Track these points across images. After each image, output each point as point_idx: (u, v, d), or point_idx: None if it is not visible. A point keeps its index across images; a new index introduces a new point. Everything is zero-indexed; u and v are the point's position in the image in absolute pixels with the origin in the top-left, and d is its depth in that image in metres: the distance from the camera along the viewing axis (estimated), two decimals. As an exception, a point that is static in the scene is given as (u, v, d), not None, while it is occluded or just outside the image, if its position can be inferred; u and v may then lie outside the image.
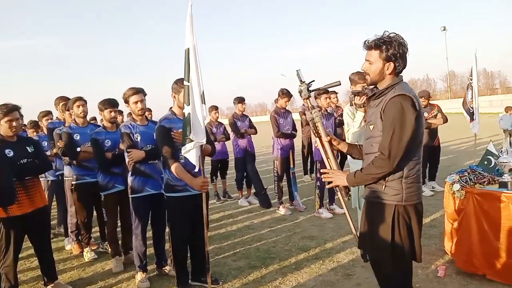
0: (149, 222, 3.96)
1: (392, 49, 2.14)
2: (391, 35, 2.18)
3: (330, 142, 2.52)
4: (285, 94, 6.37)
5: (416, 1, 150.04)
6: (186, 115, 3.06)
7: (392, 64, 2.17)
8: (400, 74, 2.25)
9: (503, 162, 3.42)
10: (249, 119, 7.34)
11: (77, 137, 4.47)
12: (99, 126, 4.80)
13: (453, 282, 3.40)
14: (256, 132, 7.15)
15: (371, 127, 2.24)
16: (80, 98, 4.56)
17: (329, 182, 2.46)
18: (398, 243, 2.21)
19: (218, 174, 7.53)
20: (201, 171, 3.25)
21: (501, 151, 3.60)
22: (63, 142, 4.53)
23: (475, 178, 3.61)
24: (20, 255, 3.76)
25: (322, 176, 2.53)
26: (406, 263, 2.31)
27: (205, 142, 3.14)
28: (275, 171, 6.43)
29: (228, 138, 7.33)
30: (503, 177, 3.41)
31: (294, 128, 6.61)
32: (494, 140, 10.89)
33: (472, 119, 5.95)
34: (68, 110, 4.79)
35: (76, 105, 4.51)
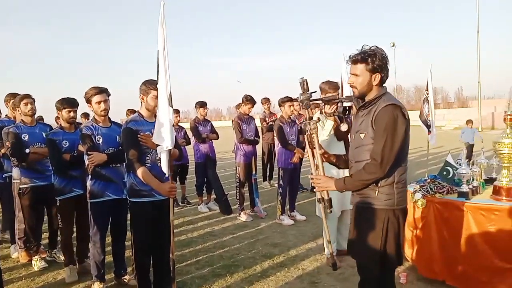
0: (110, 228, 3.75)
1: (377, 60, 2.26)
2: (373, 48, 2.30)
3: (322, 155, 2.57)
4: (249, 100, 6.36)
5: (366, 18, 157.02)
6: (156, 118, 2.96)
7: (378, 75, 2.29)
8: (384, 85, 2.35)
9: (462, 173, 3.60)
10: (211, 124, 7.25)
11: (25, 137, 4.17)
12: (48, 125, 4.52)
13: (415, 288, 3.52)
14: (218, 137, 7.07)
15: (362, 135, 2.33)
16: (27, 96, 4.27)
17: (314, 187, 2.58)
18: (388, 247, 2.32)
19: (177, 179, 7.34)
20: (169, 177, 3.12)
21: (459, 163, 3.79)
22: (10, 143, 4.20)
23: (435, 187, 3.77)
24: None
25: (311, 181, 2.62)
26: (394, 266, 2.45)
27: (171, 147, 3.01)
28: (237, 177, 6.38)
29: (188, 143, 7.18)
30: (462, 187, 3.58)
31: (257, 134, 6.61)
32: (438, 153, 11.59)
33: (429, 131, 6.24)
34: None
35: (23, 103, 4.22)
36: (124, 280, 3.81)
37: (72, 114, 3.92)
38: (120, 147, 3.50)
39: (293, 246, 4.75)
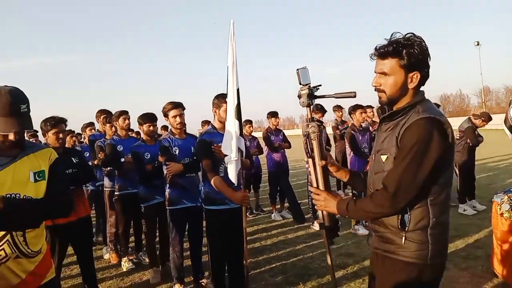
0: (186, 234, 3.99)
1: (416, 53, 1.65)
2: (408, 35, 1.69)
3: (324, 167, 2.01)
4: (319, 109, 6.37)
5: (449, 16, 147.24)
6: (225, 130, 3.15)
7: (417, 74, 1.69)
8: (421, 89, 1.77)
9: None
10: (283, 133, 7.34)
11: (120, 148, 4.61)
12: (138, 139, 4.94)
13: (504, 307, 3.23)
14: (290, 146, 7.14)
15: (383, 157, 1.74)
16: (125, 112, 4.73)
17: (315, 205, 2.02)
18: None
19: (251, 187, 7.52)
20: (241, 185, 3.25)
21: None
22: (105, 153, 4.67)
23: (526, 197, 3.45)
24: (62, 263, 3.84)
25: (311, 196, 2.12)
26: None
27: (236, 158, 3.13)
28: (309, 186, 6.37)
29: (261, 152, 7.34)
30: (558, 197, 3.24)
31: (328, 143, 6.57)
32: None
33: (515, 137, 5.70)
34: (110, 123, 4.95)
35: (122, 118, 4.68)
36: (202, 283, 4.01)
37: (152, 128, 4.27)
38: (194, 158, 3.73)
39: (368, 256, 4.59)
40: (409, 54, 1.65)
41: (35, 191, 1.97)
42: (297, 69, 2.00)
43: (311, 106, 2.04)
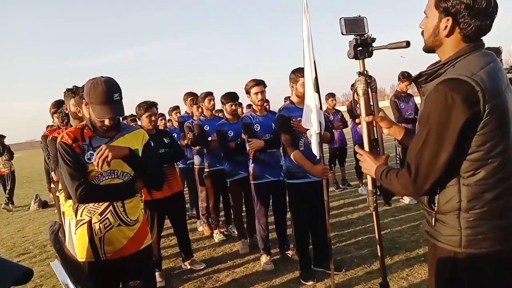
0: (271, 208, 4.13)
1: None
2: None
3: (371, 123, 1.81)
4: (406, 77, 6.00)
5: None
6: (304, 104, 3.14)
7: (450, 21, 1.35)
8: (475, 42, 1.39)
9: None
10: (382, 110, 7.08)
11: (207, 128, 4.88)
12: (222, 118, 5.16)
13: None
14: (375, 118, 6.87)
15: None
16: (210, 93, 4.97)
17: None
18: None
19: (337, 162, 7.44)
20: (321, 159, 3.26)
21: None
22: (194, 133, 4.98)
23: None
24: (162, 234, 4.26)
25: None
26: None
27: (318, 131, 3.11)
28: (397, 158, 6.11)
29: (346, 126, 7.18)
30: None
31: (416, 112, 6.19)
32: None
33: None
34: (196, 104, 5.24)
35: (207, 99, 4.93)
36: (288, 254, 4.15)
37: (233, 107, 4.43)
38: (275, 133, 3.80)
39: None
40: None
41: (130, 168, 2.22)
42: (341, 18, 1.79)
43: (363, 59, 1.83)
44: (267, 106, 7.93)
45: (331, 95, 7.41)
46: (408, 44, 1.66)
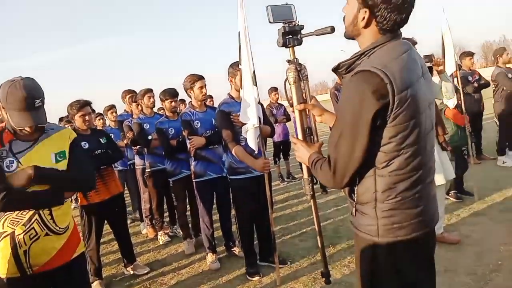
0: (215, 205, 4.08)
1: None
2: None
3: (303, 111, 1.77)
4: None
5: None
6: (241, 98, 3.09)
7: (368, 13, 1.35)
8: (391, 33, 1.39)
9: None
10: (314, 97, 7.19)
11: (147, 126, 4.71)
12: (162, 115, 5.01)
13: (543, 258, 3.11)
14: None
15: None
16: (150, 90, 4.81)
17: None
18: None
19: (281, 155, 7.52)
20: (261, 153, 3.25)
21: None
22: (134, 132, 4.78)
23: None
24: (102, 240, 4.05)
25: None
26: None
27: (257, 125, 3.10)
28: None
29: (289, 119, 7.28)
30: None
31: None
32: None
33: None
34: (136, 102, 5.05)
35: (147, 96, 4.77)
36: (234, 251, 4.12)
37: (173, 104, 4.31)
38: (216, 129, 3.74)
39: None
40: None
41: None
42: (267, 6, 1.74)
43: (293, 46, 1.78)
44: (211, 102, 7.85)
45: (274, 89, 7.46)
46: (332, 29, 1.64)
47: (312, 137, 1.81)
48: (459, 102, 4.74)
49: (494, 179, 5.37)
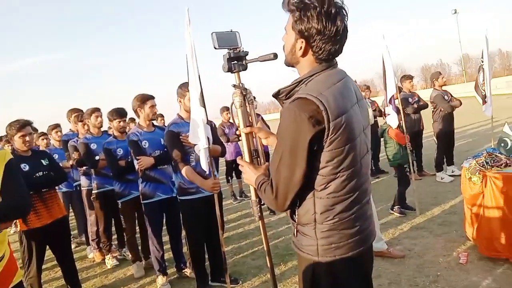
0: (165, 226, 4.01)
1: (306, 19, 1.37)
2: None
3: (250, 134, 1.80)
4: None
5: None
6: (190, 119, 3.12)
7: (304, 43, 1.42)
8: (327, 63, 1.46)
9: (520, 143, 3.33)
10: (262, 117, 7.32)
11: (94, 146, 4.57)
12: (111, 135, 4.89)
13: (476, 268, 3.33)
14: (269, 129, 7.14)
15: None
16: (97, 109, 4.68)
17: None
18: None
19: (234, 174, 7.55)
20: (211, 173, 3.26)
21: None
22: (80, 153, 4.62)
23: (492, 161, 3.52)
24: (44, 266, 3.83)
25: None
26: None
27: (206, 146, 3.12)
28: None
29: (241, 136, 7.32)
30: (521, 158, 3.31)
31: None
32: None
33: (484, 101, 5.82)
34: (82, 121, 4.89)
35: (94, 116, 4.64)
36: (185, 273, 4.05)
37: (122, 123, 4.23)
38: (165, 149, 3.71)
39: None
40: (301, 17, 1.38)
41: None
42: (212, 33, 1.77)
43: (238, 72, 1.82)
44: (162, 121, 7.76)
45: (226, 109, 7.50)
46: (275, 56, 1.70)
47: (258, 159, 1.86)
48: (401, 122, 5.05)
49: (433, 194, 5.71)
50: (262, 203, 1.83)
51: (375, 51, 5.26)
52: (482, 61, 5.87)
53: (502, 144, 3.70)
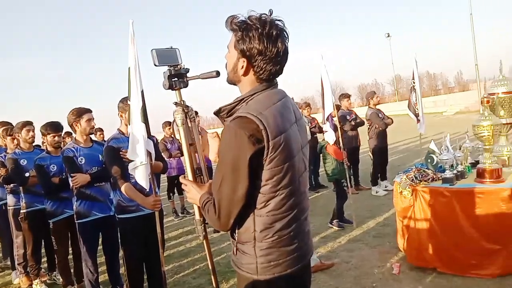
0: (102, 247, 3.81)
1: (248, 39, 1.41)
2: (261, 16, 1.42)
3: (192, 152, 1.82)
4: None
5: (361, 9, 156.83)
6: (130, 134, 3.01)
7: (246, 62, 1.46)
8: (268, 82, 1.50)
9: (444, 159, 3.62)
10: (206, 131, 7.29)
11: (24, 162, 4.27)
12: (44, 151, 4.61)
13: (408, 278, 3.53)
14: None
15: None
16: (29, 123, 4.39)
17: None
18: None
19: (175, 190, 7.40)
20: (152, 190, 3.18)
21: (442, 149, 3.81)
22: (7, 169, 4.29)
23: (420, 176, 3.78)
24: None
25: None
26: None
27: (145, 162, 3.05)
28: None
29: (183, 154, 7.21)
30: (445, 173, 3.60)
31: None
32: (438, 139, 11.49)
33: (418, 120, 6.30)
34: (11, 135, 4.56)
35: (25, 130, 4.34)
36: (122, 295, 3.86)
37: (56, 138, 4.00)
38: (103, 166, 3.56)
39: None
40: (243, 37, 1.41)
41: None
42: (152, 50, 1.73)
43: (179, 89, 1.81)
44: (101, 136, 7.45)
45: (168, 123, 7.39)
46: (218, 73, 1.70)
47: (202, 177, 1.84)
48: (338, 138, 5.28)
49: (368, 207, 6.00)
50: (207, 221, 1.79)
51: (315, 69, 5.49)
52: (414, 82, 6.35)
53: (429, 160, 3.99)
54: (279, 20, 1.43)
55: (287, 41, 1.46)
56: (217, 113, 1.57)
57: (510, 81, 3.88)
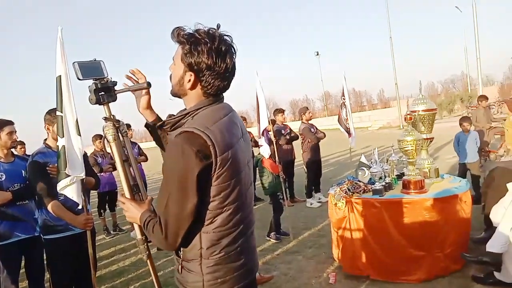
0: (24, 270, 3.48)
1: (196, 53, 1.38)
2: (210, 30, 1.40)
3: (127, 168, 1.74)
4: None
5: (291, 28, 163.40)
6: (60, 148, 2.79)
7: (193, 76, 1.42)
8: (215, 97, 1.48)
9: (374, 172, 3.85)
10: (138, 146, 7.05)
11: None
12: None
13: (344, 286, 3.67)
14: (147, 159, 6.90)
15: None
16: None
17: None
18: None
19: (107, 206, 7.02)
20: (83, 207, 2.98)
21: (372, 162, 4.04)
22: None
23: (353, 188, 3.98)
24: None
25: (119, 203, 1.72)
26: None
27: (84, 176, 2.88)
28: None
29: (115, 168, 6.90)
30: (375, 185, 3.82)
31: None
32: (366, 152, 12.16)
33: (349, 134, 6.64)
34: None
35: None
36: (47, 323, 3.55)
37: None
38: (27, 182, 3.28)
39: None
40: (191, 50, 1.38)
41: None
42: (74, 63, 1.64)
43: (108, 103, 1.72)
44: (22, 149, 6.86)
45: (98, 137, 7.02)
46: (149, 84, 1.66)
47: (139, 194, 1.76)
48: (274, 152, 5.38)
49: (304, 219, 6.17)
50: (149, 240, 1.71)
51: (250, 84, 5.59)
52: (344, 98, 6.71)
53: (360, 173, 4.21)
54: (227, 36, 1.43)
55: (234, 56, 1.46)
56: (160, 126, 1.54)
57: (428, 100, 4.26)
